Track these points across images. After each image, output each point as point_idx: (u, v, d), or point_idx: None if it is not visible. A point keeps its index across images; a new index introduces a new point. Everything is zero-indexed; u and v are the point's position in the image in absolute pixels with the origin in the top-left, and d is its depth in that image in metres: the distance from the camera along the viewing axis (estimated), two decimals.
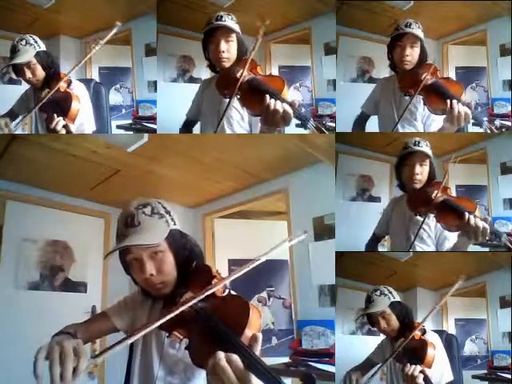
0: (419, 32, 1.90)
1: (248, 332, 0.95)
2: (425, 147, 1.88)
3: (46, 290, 2.90)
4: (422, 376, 1.53)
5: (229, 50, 1.73)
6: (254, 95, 1.59)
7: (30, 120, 1.95)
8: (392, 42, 1.94)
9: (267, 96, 1.54)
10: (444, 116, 1.80)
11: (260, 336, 0.94)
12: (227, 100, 1.67)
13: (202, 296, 1.04)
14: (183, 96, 2.05)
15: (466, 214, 1.69)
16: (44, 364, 0.96)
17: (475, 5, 2.56)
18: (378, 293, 1.78)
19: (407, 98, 1.90)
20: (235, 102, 1.72)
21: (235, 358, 0.88)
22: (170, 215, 1.23)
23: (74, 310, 2.82)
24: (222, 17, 1.72)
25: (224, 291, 1.11)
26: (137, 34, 2.64)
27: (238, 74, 1.64)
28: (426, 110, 1.93)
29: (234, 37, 1.73)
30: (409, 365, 1.57)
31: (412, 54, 1.91)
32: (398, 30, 1.92)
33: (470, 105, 1.75)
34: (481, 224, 1.67)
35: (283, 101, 1.54)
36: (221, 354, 0.88)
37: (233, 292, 1.15)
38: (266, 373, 0.87)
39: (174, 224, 1.22)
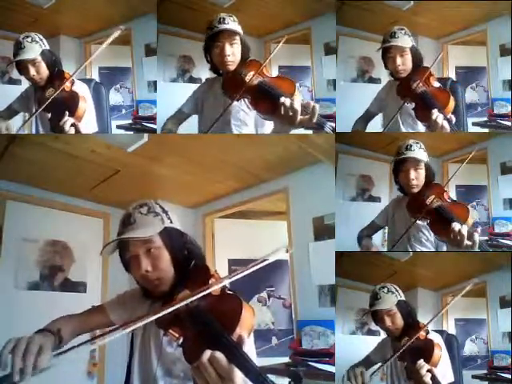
0: (405, 39, 1.89)
1: (239, 330, 0.96)
2: (417, 151, 1.85)
3: (45, 289, 2.90)
4: (429, 375, 1.53)
5: (234, 53, 1.73)
6: (266, 98, 1.60)
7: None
8: (383, 55, 1.97)
9: (283, 98, 1.53)
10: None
11: (245, 337, 0.95)
12: (234, 102, 1.68)
13: (198, 295, 1.05)
14: (183, 96, 2.05)
15: (453, 225, 1.68)
16: (9, 356, 1.03)
17: (475, 5, 2.56)
18: (385, 290, 1.77)
19: (407, 104, 1.91)
20: (243, 105, 1.74)
21: (219, 355, 0.90)
22: (166, 214, 1.26)
23: (73, 310, 2.80)
24: (224, 19, 1.69)
25: (220, 290, 1.11)
26: (137, 34, 2.63)
27: (247, 78, 1.63)
28: None
29: (237, 39, 1.73)
30: (422, 361, 1.55)
31: (404, 63, 1.91)
32: (385, 42, 1.93)
33: (451, 119, 1.77)
34: (464, 234, 1.65)
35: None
36: (207, 352, 0.91)
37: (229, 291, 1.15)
38: (254, 372, 0.89)
39: (171, 222, 1.25)
